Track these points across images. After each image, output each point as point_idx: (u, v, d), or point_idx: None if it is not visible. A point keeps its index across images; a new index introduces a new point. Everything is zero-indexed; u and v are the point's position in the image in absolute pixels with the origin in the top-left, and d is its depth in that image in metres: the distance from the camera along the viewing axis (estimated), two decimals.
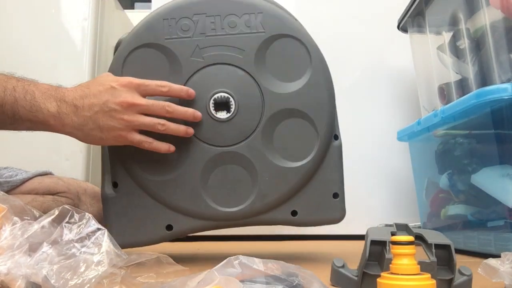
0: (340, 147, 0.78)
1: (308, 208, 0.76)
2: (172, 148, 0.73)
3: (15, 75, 0.71)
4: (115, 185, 0.75)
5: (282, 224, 0.77)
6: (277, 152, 0.76)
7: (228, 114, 0.75)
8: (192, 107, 0.73)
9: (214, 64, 0.75)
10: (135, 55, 0.75)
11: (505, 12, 0.87)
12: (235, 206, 0.75)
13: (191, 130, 0.73)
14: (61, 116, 0.68)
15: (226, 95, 0.74)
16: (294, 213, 0.77)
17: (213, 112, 0.74)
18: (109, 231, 0.73)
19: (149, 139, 0.72)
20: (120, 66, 0.74)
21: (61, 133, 0.70)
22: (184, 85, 0.74)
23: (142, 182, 0.75)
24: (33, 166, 1.01)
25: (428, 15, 1.17)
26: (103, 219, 0.75)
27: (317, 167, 0.76)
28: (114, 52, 0.78)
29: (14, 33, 1.78)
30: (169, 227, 0.75)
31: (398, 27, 1.32)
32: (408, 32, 1.29)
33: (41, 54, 1.70)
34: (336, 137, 0.78)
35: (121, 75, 0.73)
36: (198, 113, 0.73)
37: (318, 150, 0.76)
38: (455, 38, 1.06)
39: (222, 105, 0.75)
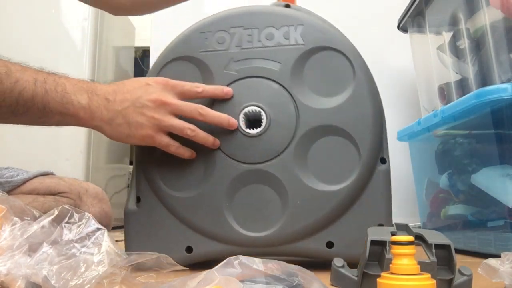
0: (388, 173, 0.70)
1: (347, 240, 0.67)
2: (194, 154, 0.71)
3: (45, 69, 0.71)
4: (138, 200, 0.72)
5: (315, 257, 0.69)
6: (312, 173, 0.69)
7: (259, 129, 0.69)
8: None
9: (247, 77, 0.71)
10: (169, 67, 0.73)
11: (505, 12, 0.88)
12: (262, 231, 0.68)
13: (217, 142, 0.70)
14: (91, 108, 0.67)
15: (258, 109, 0.70)
16: (330, 244, 0.68)
17: (243, 127, 0.70)
18: (128, 247, 0.71)
19: (177, 143, 0.69)
20: None
21: (89, 126, 0.69)
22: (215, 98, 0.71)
23: (165, 198, 0.71)
24: (33, 167, 1.01)
25: (428, 15, 1.17)
26: (124, 235, 0.73)
27: (358, 194, 0.68)
28: None
29: (14, 33, 1.79)
30: (189, 249, 0.70)
31: (398, 27, 1.32)
32: (408, 32, 1.29)
33: (41, 54, 1.70)
34: (384, 160, 0.70)
35: None
36: (234, 120, 0.69)
37: (360, 174, 0.68)
38: (455, 38, 1.06)
39: (253, 119, 0.72)
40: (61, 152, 1.64)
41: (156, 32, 1.66)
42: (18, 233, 0.42)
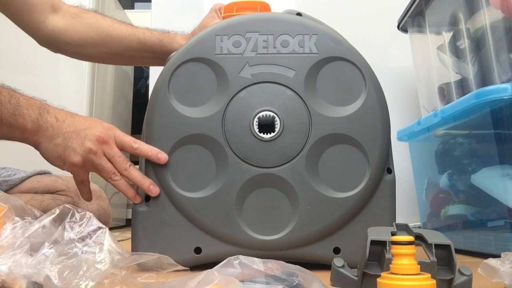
0: (393, 182, 0.73)
1: (353, 246, 0.70)
2: (90, 199, 0.77)
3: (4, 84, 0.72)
4: (147, 198, 0.72)
5: (322, 262, 0.71)
6: (322, 179, 0.71)
7: (272, 134, 0.71)
8: (235, 125, 0.71)
9: (262, 82, 0.72)
10: (184, 68, 0.73)
11: (505, 12, 0.88)
12: (271, 234, 0.70)
13: (138, 199, 0.72)
14: (39, 123, 0.69)
15: (272, 114, 0.71)
16: (336, 250, 0.71)
17: (257, 131, 0.71)
18: (135, 246, 0.71)
19: (87, 191, 0.75)
20: (168, 78, 0.73)
21: (31, 141, 0.71)
22: (230, 101, 0.72)
23: (175, 198, 0.71)
24: (33, 166, 1.00)
25: (428, 15, 1.17)
26: (131, 234, 0.73)
27: (365, 202, 0.71)
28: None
29: (14, 33, 1.78)
30: (197, 250, 0.71)
31: (398, 27, 1.32)
32: (408, 32, 1.29)
33: (41, 54, 1.70)
34: (390, 170, 0.73)
35: (168, 87, 0.72)
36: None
37: (368, 182, 0.70)
38: (455, 38, 1.06)
39: (266, 124, 0.72)
40: None
41: None
42: (19, 231, 0.42)
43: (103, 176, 0.71)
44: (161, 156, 0.70)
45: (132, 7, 2.81)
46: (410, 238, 0.45)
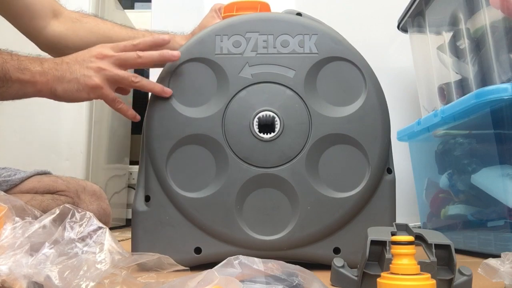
0: (393, 182, 0.73)
1: (353, 247, 0.70)
2: (138, 117, 0.76)
3: None
4: (147, 198, 0.73)
5: (322, 262, 0.71)
6: (322, 179, 0.71)
7: (272, 134, 0.71)
8: (235, 125, 0.71)
9: (262, 82, 0.72)
10: (184, 68, 0.74)
11: (505, 12, 0.88)
12: (271, 234, 0.70)
13: (168, 91, 0.72)
14: (45, 71, 0.72)
15: (272, 114, 0.71)
16: (336, 250, 0.71)
17: (257, 131, 0.71)
18: (135, 246, 0.72)
19: (121, 100, 0.75)
20: (168, 78, 0.74)
21: (44, 91, 0.73)
22: (229, 102, 0.72)
23: (175, 198, 0.71)
24: (33, 167, 1.01)
25: (428, 15, 1.17)
26: (131, 234, 0.73)
27: (365, 202, 0.71)
28: None
29: (14, 33, 1.78)
30: (198, 250, 0.71)
31: (398, 27, 1.32)
32: (408, 32, 1.29)
33: (41, 54, 1.70)
34: (390, 170, 0.73)
35: (168, 87, 0.73)
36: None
37: (368, 183, 0.71)
38: (455, 38, 1.06)
39: (266, 124, 0.73)
40: (60, 152, 1.64)
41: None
42: (19, 232, 0.42)
43: (125, 84, 0.73)
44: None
45: (132, 7, 2.81)
46: (410, 238, 0.45)
